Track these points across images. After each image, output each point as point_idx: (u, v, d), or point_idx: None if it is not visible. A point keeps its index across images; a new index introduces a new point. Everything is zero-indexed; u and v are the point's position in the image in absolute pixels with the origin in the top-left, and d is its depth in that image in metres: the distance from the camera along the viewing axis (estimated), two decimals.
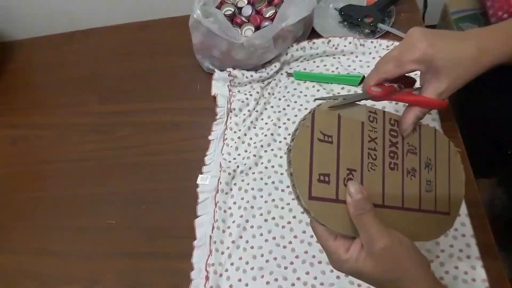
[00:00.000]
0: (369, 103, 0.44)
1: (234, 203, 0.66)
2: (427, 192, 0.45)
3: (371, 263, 0.36)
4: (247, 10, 0.81)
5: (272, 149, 0.70)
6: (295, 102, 0.75)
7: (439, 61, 0.41)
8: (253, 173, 0.68)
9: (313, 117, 0.39)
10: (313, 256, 0.58)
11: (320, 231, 0.39)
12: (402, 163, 0.44)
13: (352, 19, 0.81)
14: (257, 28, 0.79)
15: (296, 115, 0.73)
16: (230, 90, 0.78)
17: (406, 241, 0.37)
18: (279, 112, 0.74)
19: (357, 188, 0.37)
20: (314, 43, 0.78)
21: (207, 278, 0.59)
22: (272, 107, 0.76)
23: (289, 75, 0.78)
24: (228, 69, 0.79)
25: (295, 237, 0.61)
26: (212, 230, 0.63)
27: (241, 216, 0.64)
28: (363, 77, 0.72)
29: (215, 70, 0.81)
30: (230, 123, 0.74)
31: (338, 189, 0.38)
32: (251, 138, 0.73)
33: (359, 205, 0.37)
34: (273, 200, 0.65)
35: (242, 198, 0.66)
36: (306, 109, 0.73)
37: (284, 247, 0.60)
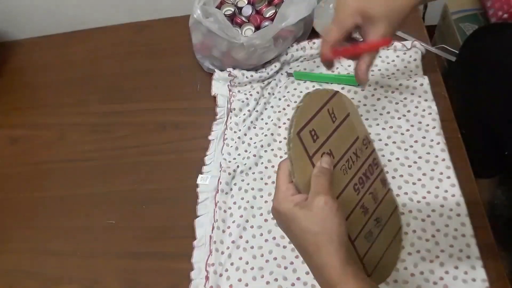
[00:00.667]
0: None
1: (234, 203, 0.66)
2: (365, 238, 0.47)
3: (306, 211, 0.40)
4: (247, 10, 0.81)
5: (272, 149, 0.70)
6: (295, 102, 0.75)
7: (372, 9, 0.46)
8: (253, 173, 0.68)
9: (334, 94, 0.45)
10: None
11: (284, 168, 0.43)
12: (363, 194, 0.48)
13: None
14: (257, 28, 0.79)
15: None
16: (230, 90, 0.78)
17: (340, 215, 0.39)
18: (279, 112, 0.74)
19: (329, 161, 0.43)
20: (314, 43, 0.79)
21: (207, 278, 0.59)
22: (272, 107, 0.76)
23: (289, 75, 0.78)
24: (228, 69, 0.79)
25: None
26: (212, 230, 0.63)
27: (241, 216, 0.64)
28: None
29: (215, 70, 0.81)
30: (230, 123, 0.74)
31: (316, 153, 0.43)
32: (251, 138, 0.73)
33: (323, 170, 0.42)
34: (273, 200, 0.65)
35: (242, 198, 0.66)
36: None
37: (284, 247, 0.60)
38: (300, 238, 0.40)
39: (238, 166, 0.69)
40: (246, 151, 0.71)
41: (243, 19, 0.80)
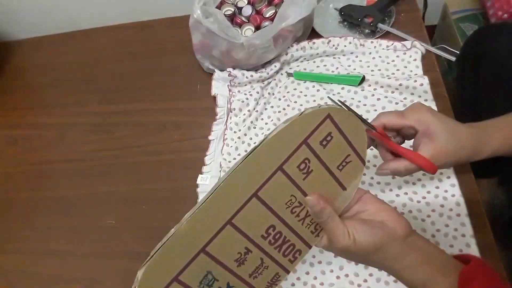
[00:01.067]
0: None
1: None
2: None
3: (339, 255, 0.42)
4: (247, 10, 0.81)
5: None
6: (295, 102, 0.75)
7: (435, 126, 0.44)
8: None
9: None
10: (313, 256, 0.58)
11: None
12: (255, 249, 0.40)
13: (352, 19, 0.81)
14: (257, 28, 0.79)
15: None
16: (230, 90, 0.78)
17: (361, 239, 0.38)
18: (279, 112, 0.74)
19: (313, 202, 0.39)
20: (314, 43, 0.78)
21: None
22: (272, 107, 0.76)
23: (289, 75, 0.78)
24: (228, 69, 0.79)
25: None
26: None
27: None
28: (363, 77, 0.72)
29: (215, 70, 0.81)
30: (230, 123, 0.74)
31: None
32: (251, 138, 0.73)
33: (316, 215, 0.40)
34: None
35: None
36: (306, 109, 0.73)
37: None
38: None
39: None
40: (246, 151, 0.71)
41: (243, 19, 0.80)
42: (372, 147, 0.49)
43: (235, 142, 0.72)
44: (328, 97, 0.44)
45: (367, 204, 0.42)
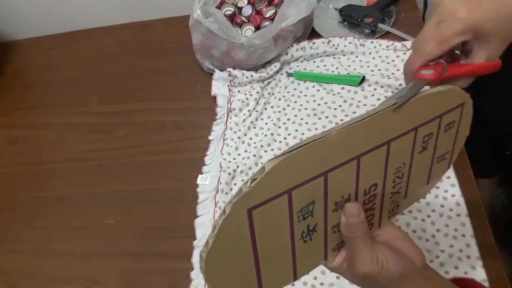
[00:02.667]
0: None
1: None
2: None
3: (353, 279, 0.37)
4: (247, 10, 0.81)
5: (272, 149, 0.70)
6: (295, 102, 0.75)
7: (487, 24, 0.37)
8: (253, 173, 0.68)
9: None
10: None
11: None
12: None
13: (352, 19, 0.81)
14: (257, 28, 0.79)
15: (296, 115, 0.73)
16: (230, 90, 0.78)
17: (389, 266, 0.35)
18: (279, 112, 0.74)
19: (353, 212, 0.35)
20: (314, 43, 0.78)
21: None
22: (272, 107, 0.76)
23: (289, 75, 0.78)
24: (228, 69, 0.79)
25: None
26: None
27: None
28: (363, 77, 0.72)
29: (215, 70, 0.81)
30: (230, 123, 0.74)
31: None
32: (251, 138, 0.73)
33: (350, 228, 0.35)
34: None
35: None
36: (306, 109, 0.73)
37: None
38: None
39: (238, 166, 0.69)
40: (246, 151, 0.71)
41: (243, 19, 0.80)
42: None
43: (235, 142, 0.72)
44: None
45: (382, 228, 0.39)
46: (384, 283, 0.35)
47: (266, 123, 0.74)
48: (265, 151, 0.70)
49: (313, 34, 0.81)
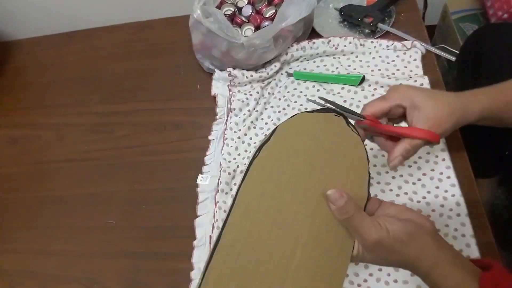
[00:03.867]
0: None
1: None
2: None
3: (371, 256, 0.38)
4: (247, 10, 0.81)
5: None
6: (295, 102, 0.75)
7: (419, 97, 0.44)
8: None
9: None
10: None
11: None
12: None
13: (352, 19, 0.81)
14: (257, 28, 0.79)
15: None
16: (230, 90, 0.78)
17: (394, 228, 0.37)
18: (279, 112, 0.74)
19: (336, 195, 0.38)
20: (314, 43, 0.78)
21: None
22: (272, 107, 0.76)
23: (289, 75, 0.78)
24: (228, 69, 0.79)
25: None
26: (212, 230, 0.63)
27: None
28: (363, 77, 0.72)
29: (215, 70, 0.81)
30: (230, 123, 0.74)
31: None
32: (251, 138, 0.73)
33: (342, 210, 0.37)
34: None
35: None
36: (306, 109, 0.73)
37: None
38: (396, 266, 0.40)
39: (238, 166, 0.69)
40: (246, 151, 0.71)
41: (243, 19, 0.80)
42: (366, 141, 0.47)
43: (235, 142, 0.72)
44: (319, 97, 0.44)
45: (386, 208, 0.41)
46: (398, 245, 0.37)
47: (266, 123, 0.74)
48: None
49: (313, 34, 0.81)
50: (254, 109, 0.75)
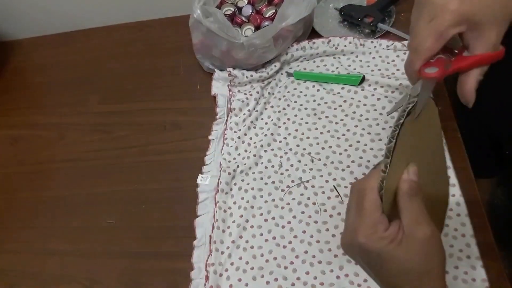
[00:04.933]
0: None
1: (234, 203, 0.66)
2: None
3: (407, 248, 0.35)
4: (247, 10, 0.81)
5: (272, 149, 0.70)
6: (295, 102, 0.75)
7: (479, 13, 0.37)
8: (253, 173, 0.68)
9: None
10: (313, 256, 0.58)
11: (374, 198, 0.37)
12: None
13: (352, 19, 0.81)
14: (257, 28, 0.79)
15: (296, 115, 0.73)
16: (230, 90, 0.78)
17: (442, 246, 0.35)
18: (279, 112, 0.74)
19: (415, 171, 0.37)
20: (314, 43, 0.78)
21: (207, 278, 0.59)
22: (272, 107, 0.76)
23: (289, 75, 0.78)
24: (228, 69, 0.79)
25: (295, 237, 0.61)
26: (212, 230, 0.63)
27: (241, 216, 0.64)
28: (363, 77, 0.72)
29: (215, 70, 0.81)
30: (230, 123, 0.74)
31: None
32: (251, 138, 0.73)
33: (413, 186, 0.36)
34: (273, 200, 0.65)
35: (242, 198, 0.66)
36: (306, 108, 0.73)
37: (284, 247, 0.60)
38: (398, 278, 0.35)
39: (238, 166, 0.69)
40: (246, 151, 0.71)
41: (243, 19, 0.80)
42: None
43: (235, 142, 0.72)
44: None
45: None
46: (438, 257, 0.35)
47: (266, 123, 0.74)
48: (265, 151, 0.70)
49: (313, 34, 0.81)
50: (254, 109, 0.75)
